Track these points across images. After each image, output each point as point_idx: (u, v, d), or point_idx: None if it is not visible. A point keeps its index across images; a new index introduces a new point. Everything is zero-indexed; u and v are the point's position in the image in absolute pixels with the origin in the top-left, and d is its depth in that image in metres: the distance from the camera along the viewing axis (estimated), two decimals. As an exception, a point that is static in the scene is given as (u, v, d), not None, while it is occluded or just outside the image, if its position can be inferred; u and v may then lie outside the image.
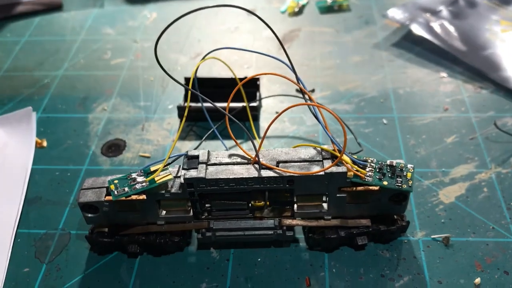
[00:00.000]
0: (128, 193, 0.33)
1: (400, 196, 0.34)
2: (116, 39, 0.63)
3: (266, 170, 0.34)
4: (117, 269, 0.37)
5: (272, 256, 0.37)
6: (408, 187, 0.33)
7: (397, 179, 0.33)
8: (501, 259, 0.36)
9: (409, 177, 0.33)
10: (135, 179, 0.34)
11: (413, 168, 0.34)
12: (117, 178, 0.34)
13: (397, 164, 0.34)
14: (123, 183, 0.34)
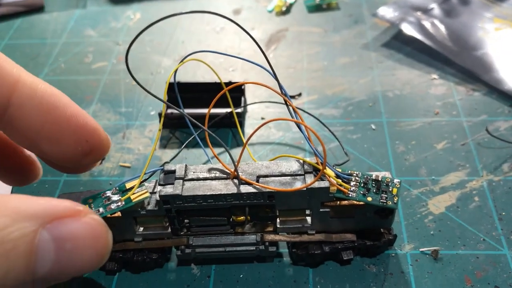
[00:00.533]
0: (103, 214, 0.32)
1: (385, 210, 0.33)
2: (98, 41, 0.61)
3: (246, 186, 0.32)
4: (94, 287, 0.36)
5: (254, 272, 0.36)
6: (393, 203, 0.32)
7: (381, 195, 0.32)
8: (492, 273, 0.34)
9: (395, 192, 0.32)
10: (109, 198, 0.32)
11: (400, 183, 0.32)
12: (91, 197, 0.33)
13: (383, 178, 0.33)
14: (97, 203, 0.32)
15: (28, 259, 0.23)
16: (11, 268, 0.23)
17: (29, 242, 0.23)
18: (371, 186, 0.32)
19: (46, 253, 0.24)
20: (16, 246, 0.23)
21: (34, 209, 0.24)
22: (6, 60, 0.29)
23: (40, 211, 0.24)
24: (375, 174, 0.33)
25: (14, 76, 0.28)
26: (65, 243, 0.25)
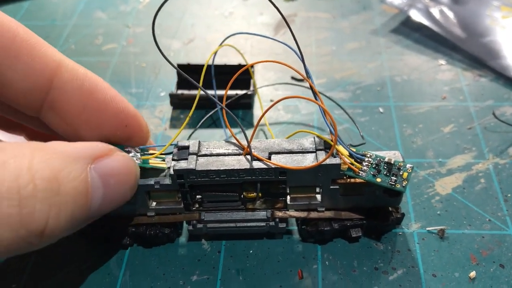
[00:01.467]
0: None
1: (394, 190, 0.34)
2: (108, 23, 0.61)
3: (258, 162, 0.33)
4: (107, 261, 0.36)
5: (264, 248, 0.37)
6: (402, 187, 0.32)
7: (391, 178, 0.32)
8: (497, 252, 0.35)
9: (405, 177, 0.32)
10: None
11: (412, 169, 0.33)
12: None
13: (395, 162, 0.33)
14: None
15: (86, 197, 0.25)
16: (75, 209, 0.24)
17: (84, 181, 0.25)
18: (382, 168, 0.33)
19: (97, 190, 0.25)
20: (75, 187, 0.24)
21: (79, 151, 0.25)
22: (48, 46, 0.29)
23: (84, 152, 0.25)
24: (388, 157, 0.33)
25: (56, 61, 0.29)
26: (110, 179, 0.26)
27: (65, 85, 0.29)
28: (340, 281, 0.34)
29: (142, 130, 0.33)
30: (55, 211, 0.23)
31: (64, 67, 0.29)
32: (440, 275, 0.34)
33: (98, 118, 0.31)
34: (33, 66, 0.28)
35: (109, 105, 0.31)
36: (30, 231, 0.23)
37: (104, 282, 0.35)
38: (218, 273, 0.35)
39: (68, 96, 0.29)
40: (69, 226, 0.25)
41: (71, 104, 0.30)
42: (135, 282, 0.35)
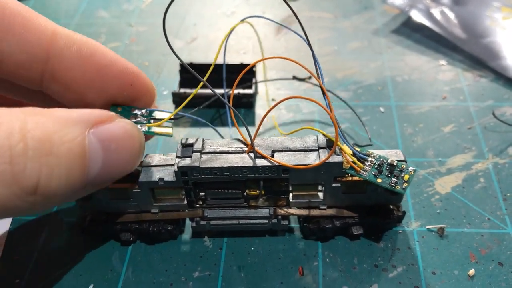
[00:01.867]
0: None
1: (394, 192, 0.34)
2: (111, 22, 0.62)
3: (261, 159, 0.33)
4: (109, 257, 0.37)
5: (265, 245, 0.37)
6: (401, 189, 0.32)
7: (392, 179, 0.33)
8: (496, 251, 0.36)
9: (406, 179, 0.33)
10: (136, 116, 0.33)
11: (414, 172, 0.33)
12: (122, 107, 0.33)
13: (398, 164, 0.33)
14: (124, 115, 0.32)
15: (82, 160, 0.25)
16: (70, 171, 0.24)
17: (81, 144, 0.25)
18: (384, 169, 0.33)
19: (95, 155, 0.26)
20: (70, 149, 0.24)
21: (77, 116, 0.25)
22: (41, 16, 0.29)
23: (82, 117, 0.26)
24: (391, 159, 0.34)
25: (50, 29, 0.29)
26: (110, 144, 0.26)
27: (62, 52, 0.29)
28: (340, 278, 0.34)
29: (148, 88, 0.33)
30: (47, 170, 0.23)
31: (59, 34, 0.29)
32: (439, 273, 0.34)
33: (101, 81, 0.30)
34: (27, 37, 0.28)
35: (110, 66, 0.30)
36: (22, 188, 0.23)
37: (106, 278, 0.35)
38: (220, 270, 0.35)
39: (67, 63, 0.29)
40: (63, 187, 0.25)
41: (71, 70, 0.30)
42: (138, 278, 0.35)
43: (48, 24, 0.29)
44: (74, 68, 0.30)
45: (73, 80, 0.30)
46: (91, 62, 0.30)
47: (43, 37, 0.28)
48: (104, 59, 0.30)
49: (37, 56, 0.29)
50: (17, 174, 0.23)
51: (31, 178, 0.23)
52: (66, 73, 0.30)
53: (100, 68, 0.30)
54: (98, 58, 0.30)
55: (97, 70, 0.30)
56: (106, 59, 0.30)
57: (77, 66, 0.30)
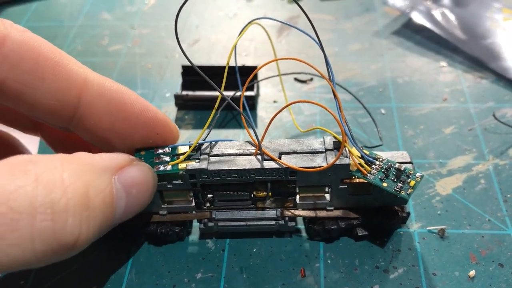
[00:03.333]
0: None
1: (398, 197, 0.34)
2: (114, 24, 0.62)
3: (269, 161, 0.33)
4: (113, 258, 0.37)
5: (267, 246, 0.37)
6: (406, 194, 0.32)
7: (398, 184, 0.33)
8: (496, 252, 0.36)
9: (412, 185, 0.33)
10: (160, 157, 0.33)
11: (421, 178, 0.33)
12: (145, 150, 0.34)
13: (405, 169, 0.34)
14: (148, 158, 0.33)
15: (112, 208, 0.26)
16: (103, 220, 0.25)
17: (111, 193, 0.25)
18: (391, 174, 0.33)
19: (120, 200, 0.26)
20: (104, 199, 0.25)
21: (104, 163, 0.26)
22: (73, 61, 0.29)
23: (109, 164, 0.26)
24: (399, 164, 0.34)
25: (82, 77, 0.29)
26: (132, 189, 0.27)
27: (93, 101, 0.29)
28: (341, 279, 0.35)
29: (173, 135, 0.34)
30: (86, 223, 0.24)
31: (90, 82, 0.29)
32: (440, 274, 0.35)
33: (129, 130, 0.31)
34: (59, 85, 0.28)
35: (139, 116, 0.31)
36: (62, 244, 0.23)
37: (110, 280, 0.36)
38: (222, 271, 0.36)
39: (97, 111, 0.29)
40: (96, 236, 0.25)
41: (101, 120, 0.30)
42: (141, 280, 0.36)
43: (80, 71, 0.29)
44: (103, 116, 0.30)
45: (101, 128, 0.30)
46: (121, 112, 0.30)
47: (74, 85, 0.29)
48: (133, 110, 0.31)
49: (68, 104, 0.29)
50: (58, 231, 0.22)
51: (72, 234, 0.23)
52: (95, 120, 0.30)
53: (129, 119, 0.30)
54: (128, 108, 0.30)
55: (126, 121, 0.30)
56: (136, 109, 0.31)
57: (107, 115, 0.30)
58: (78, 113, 0.29)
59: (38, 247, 0.22)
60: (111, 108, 0.30)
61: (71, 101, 0.29)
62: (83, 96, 0.29)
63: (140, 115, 0.31)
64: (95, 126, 0.30)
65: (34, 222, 0.22)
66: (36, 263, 0.23)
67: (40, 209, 0.22)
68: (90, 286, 0.35)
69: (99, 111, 0.30)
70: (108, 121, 0.30)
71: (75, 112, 0.29)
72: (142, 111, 0.31)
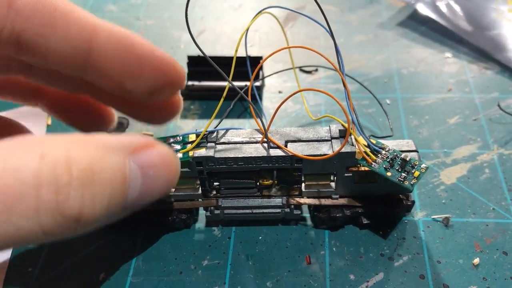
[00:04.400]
0: None
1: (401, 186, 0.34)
2: (119, 16, 0.62)
3: (275, 149, 0.34)
4: (120, 245, 0.37)
5: (273, 234, 0.38)
6: (409, 184, 0.33)
7: (402, 174, 0.33)
8: (501, 240, 0.36)
9: (416, 175, 0.33)
10: (171, 146, 0.34)
11: (426, 169, 0.33)
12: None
13: (411, 159, 0.34)
14: None
15: (123, 186, 0.26)
16: (111, 198, 0.25)
17: (122, 171, 0.26)
18: (396, 164, 0.34)
19: (134, 181, 0.27)
20: (113, 177, 0.25)
21: (119, 142, 0.26)
22: (82, 10, 0.30)
23: (124, 144, 0.27)
24: (405, 154, 0.34)
25: (91, 22, 0.30)
26: (149, 170, 0.27)
27: (103, 45, 0.30)
28: (346, 266, 0.35)
29: (180, 73, 0.34)
30: (90, 198, 0.24)
31: (99, 27, 0.30)
32: (444, 262, 0.35)
33: (139, 71, 0.32)
34: (71, 32, 0.29)
35: (148, 56, 0.31)
36: (65, 216, 0.24)
37: (117, 267, 0.36)
38: (228, 258, 0.36)
39: (108, 54, 0.30)
40: (104, 214, 0.26)
41: (112, 62, 0.31)
42: (148, 267, 0.36)
43: (88, 17, 0.30)
44: (114, 59, 0.31)
45: (114, 70, 0.31)
46: (130, 52, 0.31)
47: (85, 31, 0.30)
48: (142, 50, 0.31)
49: (80, 50, 0.30)
50: (61, 203, 0.23)
51: (74, 207, 0.24)
52: (107, 64, 0.31)
53: (139, 59, 0.31)
54: (137, 49, 0.31)
55: (136, 61, 0.31)
56: (144, 50, 0.31)
57: (117, 58, 0.31)
58: (91, 58, 0.30)
59: (43, 219, 0.23)
60: (121, 50, 0.31)
61: (82, 47, 0.30)
62: (94, 41, 0.30)
63: (149, 55, 0.32)
64: (108, 69, 0.31)
65: (39, 194, 0.23)
66: (43, 236, 0.24)
67: (44, 182, 0.23)
68: (97, 273, 0.36)
69: (110, 54, 0.31)
70: (119, 63, 0.31)
71: (88, 57, 0.30)
72: (150, 51, 0.32)
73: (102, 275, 0.36)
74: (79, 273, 0.36)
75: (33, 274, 0.36)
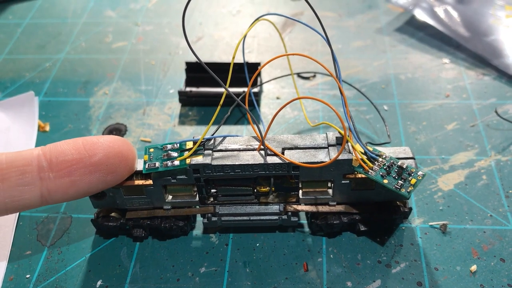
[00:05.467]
0: (158, 168, 0.33)
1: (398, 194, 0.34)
2: (118, 22, 0.62)
3: (272, 157, 0.34)
4: (117, 252, 0.37)
5: (270, 241, 0.38)
6: (406, 192, 0.33)
7: (398, 181, 0.33)
8: (498, 247, 0.36)
9: (413, 183, 0.33)
10: (168, 154, 0.34)
11: (422, 176, 0.33)
12: (153, 147, 0.34)
13: (408, 167, 0.34)
14: (157, 155, 0.34)
15: None
16: None
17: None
18: (392, 171, 0.34)
19: None
20: None
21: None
22: None
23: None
24: (402, 162, 0.34)
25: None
26: None
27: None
28: (344, 273, 0.35)
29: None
30: None
31: None
32: (442, 269, 0.35)
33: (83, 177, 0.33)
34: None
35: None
36: None
37: (115, 273, 0.36)
38: (226, 265, 0.36)
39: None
40: None
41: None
42: (145, 274, 0.36)
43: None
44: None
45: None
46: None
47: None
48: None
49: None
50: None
51: None
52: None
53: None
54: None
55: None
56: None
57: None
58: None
59: None
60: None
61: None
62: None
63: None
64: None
65: None
66: None
67: None
68: (95, 280, 0.36)
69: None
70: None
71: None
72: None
73: (100, 282, 0.36)
74: (76, 280, 0.36)
75: (31, 281, 0.36)
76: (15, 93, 0.51)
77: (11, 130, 0.47)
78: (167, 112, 0.49)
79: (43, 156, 0.31)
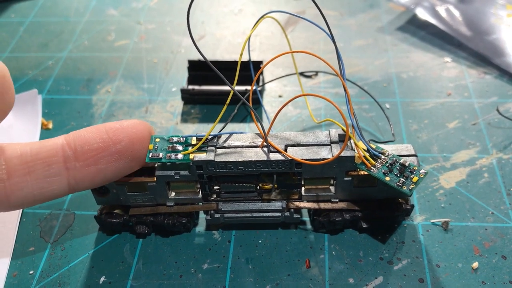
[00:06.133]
0: (161, 159, 0.33)
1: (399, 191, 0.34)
2: (120, 20, 0.63)
3: (275, 154, 0.34)
4: (120, 249, 0.38)
5: (272, 238, 0.38)
6: (407, 189, 0.33)
7: (400, 179, 0.33)
8: (500, 244, 0.36)
9: (414, 181, 0.33)
10: (173, 147, 0.34)
11: (425, 174, 0.33)
12: (160, 137, 0.35)
13: (410, 165, 0.34)
14: (162, 146, 0.34)
15: None
16: None
17: None
18: (395, 169, 0.34)
19: None
20: None
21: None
22: None
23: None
24: (404, 159, 0.34)
25: None
26: None
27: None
28: (346, 270, 0.35)
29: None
30: None
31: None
32: (443, 266, 0.35)
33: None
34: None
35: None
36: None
37: (118, 270, 0.36)
38: (228, 262, 0.36)
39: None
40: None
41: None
42: (148, 270, 0.36)
43: None
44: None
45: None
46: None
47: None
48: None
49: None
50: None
51: None
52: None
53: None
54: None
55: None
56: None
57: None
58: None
59: None
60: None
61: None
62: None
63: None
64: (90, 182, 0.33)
65: None
66: None
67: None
68: (98, 276, 0.36)
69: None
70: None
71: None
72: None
73: (103, 278, 0.36)
74: (80, 276, 0.36)
75: (34, 277, 0.36)
76: (18, 91, 0.51)
77: (14, 128, 0.47)
78: (170, 110, 0.49)
79: (67, 146, 0.31)
